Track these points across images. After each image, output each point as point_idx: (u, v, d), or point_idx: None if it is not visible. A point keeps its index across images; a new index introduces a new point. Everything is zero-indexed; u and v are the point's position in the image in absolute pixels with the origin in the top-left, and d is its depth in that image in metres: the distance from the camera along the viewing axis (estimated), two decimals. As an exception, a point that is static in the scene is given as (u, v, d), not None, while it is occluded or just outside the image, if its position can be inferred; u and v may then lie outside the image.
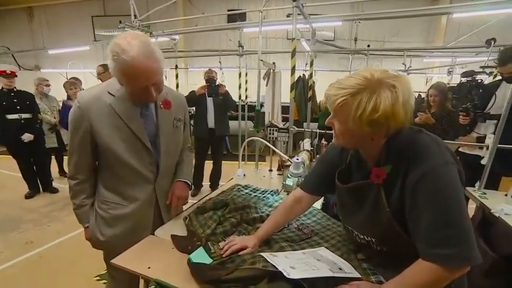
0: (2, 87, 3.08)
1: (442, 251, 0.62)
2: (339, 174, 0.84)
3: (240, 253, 0.89)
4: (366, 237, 0.80)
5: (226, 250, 0.89)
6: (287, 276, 0.71)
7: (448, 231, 0.62)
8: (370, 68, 0.69)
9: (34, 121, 3.30)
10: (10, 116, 3.09)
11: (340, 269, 0.79)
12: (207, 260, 0.86)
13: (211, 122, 3.22)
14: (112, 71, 0.88)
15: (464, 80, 2.17)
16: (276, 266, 0.76)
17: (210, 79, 3.18)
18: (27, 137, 3.16)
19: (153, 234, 1.06)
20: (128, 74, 0.86)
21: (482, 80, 2.16)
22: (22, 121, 3.16)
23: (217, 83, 3.17)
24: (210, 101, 3.19)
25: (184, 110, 1.18)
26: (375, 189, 0.73)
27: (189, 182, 1.20)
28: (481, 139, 1.99)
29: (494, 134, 1.68)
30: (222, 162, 3.57)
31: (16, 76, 3.14)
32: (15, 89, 3.15)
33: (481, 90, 2.08)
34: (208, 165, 3.52)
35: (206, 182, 3.54)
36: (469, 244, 0.62)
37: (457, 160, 0.67)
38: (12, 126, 3.11)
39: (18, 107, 3.13)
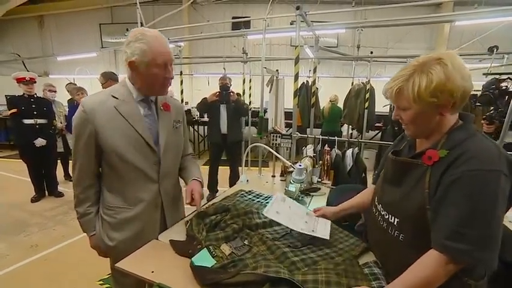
0: (24, 93, 3.23)
1: (457, 244, 0.65)
2: (391, 153, 0.91)
3: (242, 257, 0.90)
4: (390, 218, 0.82)
5: (229, 253, 0.90)
6: (264, 213, 1.06)
7: (470, 231, 0.64)
8: (418, 57, 0.75)
9: (48, 127, 3.42)
10: (26, 121, 3.23)
11: (312, 230, 1.05)
12: (210, 263, 0.87)
13: (224, 128, 3.29)
14: (138, 55, 0.94)
15: (487, 92, 2.07)
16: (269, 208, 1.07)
17: (223, 86, 3.24)
18: (39, 141, 3.27)
19: (157, 239, 1.08)
20: (155, 49, 0.94)
21: (507, 86, 2.07)
22: (37, 126, 3.29)
23: (230, 90, 3.22)
24: (223, 108, 3.27)
25: (182, 115, 1.22)
26: (421, 169, 0.76)
27: (201, 180, 1.21)
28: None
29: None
30: (226, 167, 3.59)
31: (35, 82, 3.28)
32: (35, 95, 3.31)
33: (507, 98, 1.99)
34: (222, 171, 3.57)
35: (220, 188, 3.56)
36: (486, 247, 0.64)
37: None
38: (27, 131, 3.23)
39: (35, 113, 3.27)
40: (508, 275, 0.88)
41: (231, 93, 3.22)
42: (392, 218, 0.81)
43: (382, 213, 0.86)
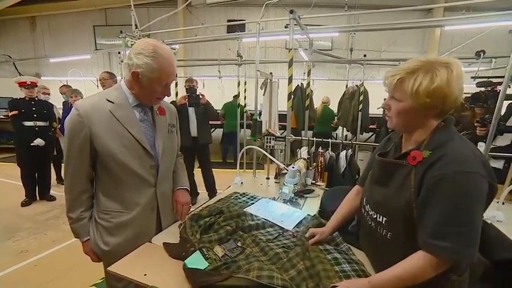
0: (25, 96, 3.28)
1: (442, 242, 0.68)
2: (378, 154, 0.94)
3: (235, 258, 0.90)
4: (378, 217, 0.84)
5: (222, 255, 0.90)
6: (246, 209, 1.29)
7: (453, 229, 0.68)
8: (425, 56, 0.78)
9: (48, 129, 3.44)
10: (26, 123, 3.27)
11: (281, 221, 1.23)
12: (203, 265, 0.87)
13: (193, 131, 3.23)
14: (144, 69, 0.94)
15: (481, 89, 2.16)
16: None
17: (191, 88, 3.18)
18: (38, 141, 3.27)
19: (150, 242, 1.07)
20: (163, 70, 0.96)
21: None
22: (36, 128, 3.31)
23: (197, 93, 3.17)
24: (191, 111, 3.20)
25: (176, 118, 1.24)
26: (406, 169, 0.79)
27: (188, 188, 1.24)
28: (496, 151, 1.96)
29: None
30: (221, 170, 3.58)
31: (36, 86, 3.33)
32: (36, 98, 3.36)
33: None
34: (199, 174, 3.55)
35: (201, 190, 3.53)
36: (469, 244, 0.67)
37: (491, 175, 0.71)
38: (26, 133, 3.26)
39: (35, 115, 3.30)
40: (497, 273, 0.91)
41: (200, 96, 3.17)
42: (380, 217, 0.84)
43: (370, 213, 0.89)
